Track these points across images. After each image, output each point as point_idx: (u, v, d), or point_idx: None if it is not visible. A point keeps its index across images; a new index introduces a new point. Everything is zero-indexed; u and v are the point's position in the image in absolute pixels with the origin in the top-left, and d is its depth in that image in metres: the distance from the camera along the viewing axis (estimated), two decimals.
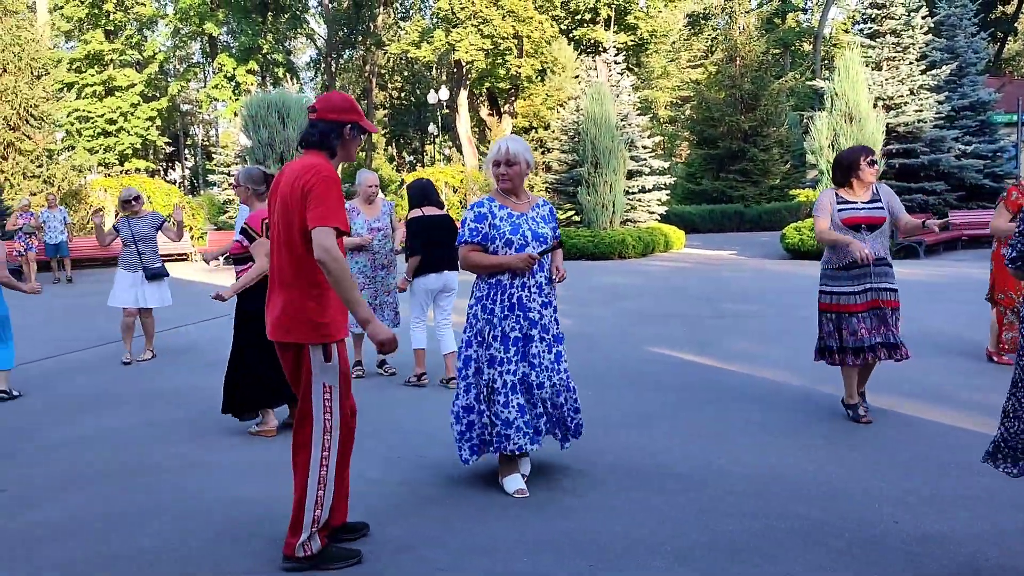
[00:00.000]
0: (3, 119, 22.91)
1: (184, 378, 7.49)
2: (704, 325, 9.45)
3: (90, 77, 37.91)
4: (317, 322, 3.30)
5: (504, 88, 39.74)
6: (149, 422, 5.95)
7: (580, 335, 9.02)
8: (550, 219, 4.33)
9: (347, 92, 51.39)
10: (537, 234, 4.19)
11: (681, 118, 40.08)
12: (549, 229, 4.26)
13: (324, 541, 3.46)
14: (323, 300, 3.32)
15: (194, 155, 54.26)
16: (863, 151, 5.36)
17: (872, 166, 5.32)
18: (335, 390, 3.37)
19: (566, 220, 22.62)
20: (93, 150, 37.13)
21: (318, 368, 3.33)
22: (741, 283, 13.66)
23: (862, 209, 5.31)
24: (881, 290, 5.30)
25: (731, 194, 31.15)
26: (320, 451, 3.37)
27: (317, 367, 3.33)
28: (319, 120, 3.38)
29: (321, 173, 3.24)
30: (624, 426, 5.41)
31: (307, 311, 3.30)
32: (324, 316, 3.32)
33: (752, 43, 31.65)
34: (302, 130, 3.43)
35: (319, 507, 3.39)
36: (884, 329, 5.31)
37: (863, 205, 5.33)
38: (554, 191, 24.14)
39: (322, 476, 3.38)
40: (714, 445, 4.96)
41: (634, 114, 23.68)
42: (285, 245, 3.33)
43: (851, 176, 5.35)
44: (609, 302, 11.79)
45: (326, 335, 3.32)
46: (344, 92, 3.62)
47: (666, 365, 7.34)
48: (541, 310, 4.23)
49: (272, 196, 3.47)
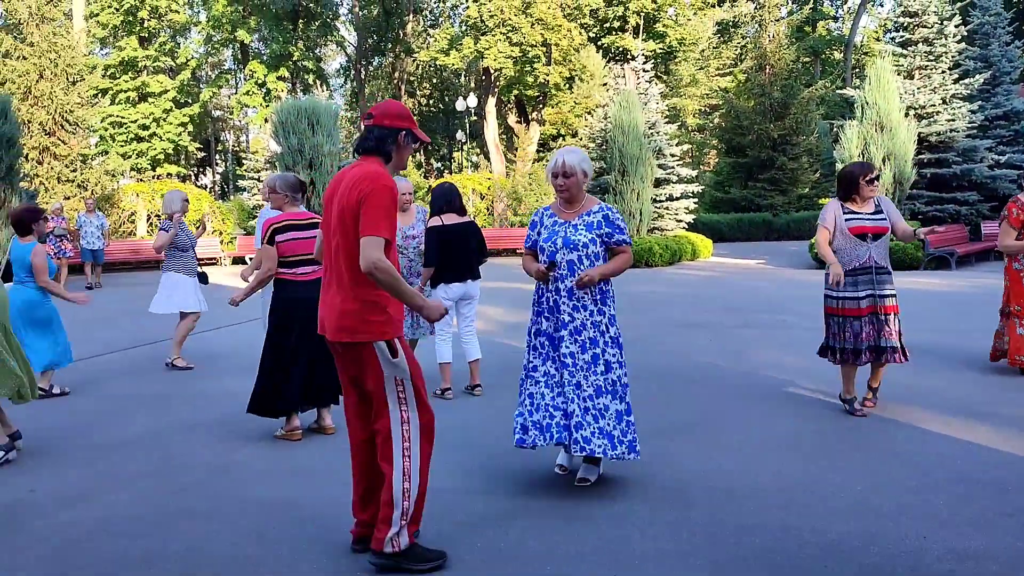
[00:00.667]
0: (39, 124, 23.31)
1: (224, 381, 7.55)
2: (733, 335, 9.38)
3: (124, 83, 38.44)
4: (380, 320, 3.36)
5: (532, 95, 39.77)
6: (187, 424, 6.01)
7: None
8: (598, 226, 4.34)
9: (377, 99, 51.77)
10: (569, 241, 4.29)
11: (709, 126, 39.90)
12: (589, 236, 4.30)
13: (412, 538, 3.45)
14: (383, 299, 3.38)
15: (224, 160, 54.82)
16: (862, 170, 5.71)
17: (871, 184, 5.70)
18: (407, 383, 3.42)
19: None
20: (126, 155, 37.61)
21: (386, 365, 3.37)
22: (770, 293, 13.55)
23: (867, 220, 5.70)
24: (881, 296, 5.67)
25: (759, 203, 30.96)
26: (401, 443, 3.39)
27: (385, 364, 3.37)
28: (375, 126, 3.44)
29: (379, 181, 3.29)
30: (653, 437, 5.38)
31: (370, 311, 3.35)
32: (385, 314, 3.38)
33: (782, 51, 31.48)
34: (357, 136, 3.49)
35: (406, 499, 3.39)
36: (884, 333, 5.66)
37: (868, 216, 5.72)
38: None
39: (406, 468, 3.39)
40: (744, 457, 4.91)
41: (662, 122, 23.61)
42: (343, 249, 3.37)
43: (852, 193, 5.75)
44: (636, 310, 11.75)
45: (389, 332, 3.38)
46: (398, 101, 3.71)
47: (695, 375, 7.29)
48: (572, 313, 4.29)
49: (329, 201, 3.49)
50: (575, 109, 34.49)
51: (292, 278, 5.45)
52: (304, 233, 5.47)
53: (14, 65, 23.47)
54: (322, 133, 20.45)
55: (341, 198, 3.37)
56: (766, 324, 10.09)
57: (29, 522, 4.15)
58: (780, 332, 9.47)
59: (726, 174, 33.71)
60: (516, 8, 34.31)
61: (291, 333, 5.42)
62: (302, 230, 5.47)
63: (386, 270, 3.20)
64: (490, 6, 34.58)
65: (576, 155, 4.33)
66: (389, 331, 3.38)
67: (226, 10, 40.52)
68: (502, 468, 4.72)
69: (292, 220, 5.49)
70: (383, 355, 3.36)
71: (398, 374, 3.39)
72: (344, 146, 34.35)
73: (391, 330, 3.39)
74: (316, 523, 4.01)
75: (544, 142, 39.10)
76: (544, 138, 39.17)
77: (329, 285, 3.48)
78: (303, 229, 5.48)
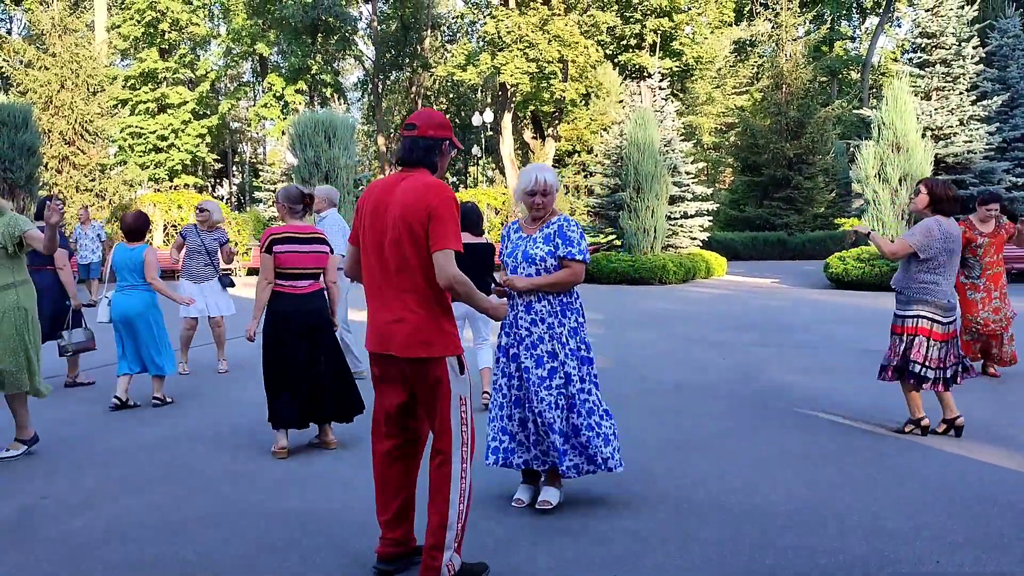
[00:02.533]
0: (59, 134, 23.58)
1: (237, 390, 7.57)
2: (747, 353, 9.34)
3: (144, 94, 38.82)
4: (448, 336, 3.35)
5: (548, 111, 39.93)
6: (199, 433, 6.03)
7: (618, 359, 8.97)
8: (556, 239, 4.23)
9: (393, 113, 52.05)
10: (527, 255, 4.24)
11: (725, 144, 39.89)
12: (546, 249, 4.21)
13: (461, 553, 3.42)
14: (448, 315, 3.39)
15: (242, 172, 55.18)
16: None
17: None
18: (468, 402, 3.39)
19: (608, 244, 22.58)
20: (144, 165, 37.93)
21: (455, 380, 3.34)
22: (784, 311, 13.50)
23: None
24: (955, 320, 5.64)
25: (774, 222, 30.91)
26: (460, 464, 3.35)
27: (454, 379, 3.34)
28: (420, 137, 3.41)
29: (444, 194, 3.28)
30: (664, 454, 5.35)
31: (444, 325, 3.35)
32: (451, 329, 3.37)
33: (799, 70, 31.48)
34: (400, 147, 3.46)
35: (461, 520, 3.35)
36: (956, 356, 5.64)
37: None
38: (596, 215, 24.13)
39: (463, 490, 3.35)
40: (757, 475, 4.88)
41: (678, 140, 23.63)
42: (413, 264, 3.29)
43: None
44: (649, 327, 11.72)
45: (457, 347, 3.37)
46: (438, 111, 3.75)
47: (707, 393, 7.26)
48: (530, 327, 4.23)
49: (372, 213, 3.42)
50: (591, 125, 34.56)
51: (287, 290, 5.42)
52: (304, 247, 5.45)
53: (36, 75, 23.78)
54: (339, 146, 20.60)
55: (403, 212, 3.28)
56: (779, 343, 10.05)
57: (42, 528, 4.16)
58: (793, 351, 9.42)
59: (741, 192, 33.68)
60: (533, 25, 34.51)
61: (284, 346, 5.38)
62: (303, 243, 5.46)
63: (464, 282, 3.22)
64: (508, 22, 34.80)
65: (551, 172, 4.31)
66: (458, 346, 3.38)
67: (246, 23, 40.93)
68: (510, 484, 4.71)
69: (292, 233, 5.48)
70: (453, 370, 3.33)
71: (463, 391, 3.36)
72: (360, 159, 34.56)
73: (459, 346, 3.39)
74: (326, 533, 4.01)
75: (560, 158, 39.18)
76: (560, 154, 39.25)
77: (384, 302, 3.37)
78: (304, 243, 5.47)
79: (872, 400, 6.78)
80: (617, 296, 16.78)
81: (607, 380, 7.68)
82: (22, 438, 5.50)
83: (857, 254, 18.07)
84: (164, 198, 26.19)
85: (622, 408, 6.56)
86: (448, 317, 3.36)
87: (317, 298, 5.52)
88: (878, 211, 17.81)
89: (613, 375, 8.02)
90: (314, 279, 5.52)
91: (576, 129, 36.15)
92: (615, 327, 11.73)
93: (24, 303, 5.30)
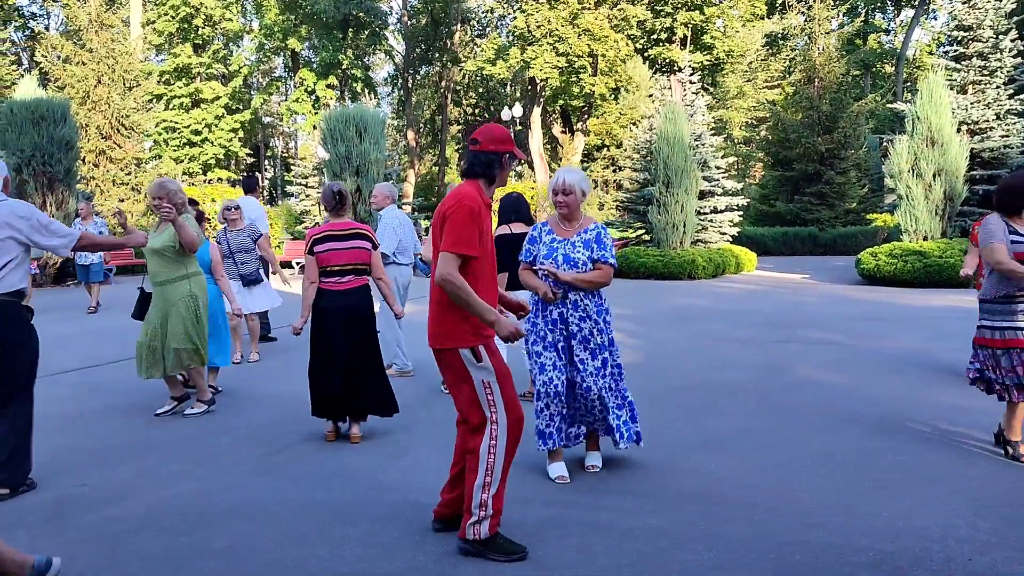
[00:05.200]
0: (96, 128, 23.91)
1: (272, 384, 7.66)
2: (776, 350, 9.27)
3: (178, 89, 39.30)
4: (464, 328, 3.64)
5: (577, 106, 39.81)
6: (233, 425, 6.11)
7: (647, 355, 8.94)
8: (593, 244, 4.64)
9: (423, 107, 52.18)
10: (569, 258, 4.59)
11: (756, 139, 39.54)
12: (586, 253, 4.60)
13: (494, 530, 3.69)
14: (465, 310, 3.63)
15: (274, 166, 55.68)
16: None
17: None
18: (494, 384, 3.67)
19: (636, 239, 22.49)
20: (178, 159, 38.42)
21: (473, 368, 3.66)
22: (814, 308, 13.37)
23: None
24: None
25: (805, 217, 30.58)
26: (489, 440, 3.65)
27: (472, 367, 3.66)
28: (481, 152, 3.75)
29: (463, 202, 3.60)
30: (691, 451, 5.34)
31: (456, 320, 3.64)
32: (467, 323, 3.64)
33: (832, 64, 31.09)
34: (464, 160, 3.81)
35: (485, 491, 3.65)
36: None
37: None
38: (625, 209, 24.04)
39: (489, 464, 3.64)
40: (784, 474, 4.85)
41: (708, 134, 23.46)
42: (434, 263, 3.69)
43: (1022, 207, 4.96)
44: (677, 323, 11.67)
45: (472, 340, 3.64)
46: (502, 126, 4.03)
47: (736, 390, 7.21)
48: (580, 323, 4.61)
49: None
50: (620, 120, 34.42)
51: (330, 287, 5.58)
52: (343, 244, 5.58)
53: (73, 70, 24.14)
54: (369, 140, 20.69)
55: (435, 217, 3.73)
56: (809, 340, 9.95)
57: (79, 516, 4.25)
58: (823, 348, 9.33)
59: (772, 187, 33.35)
60: (563, 19, 34.40)
61: (325, 342, 5.56)
62: (341, 240, 5.59)
63: (454, 283, 3.51)
64: (537, 16, 34.71)
65: (576, 175, 4.63)
66: (473, 339, 3.64)
67: (278, 19, 41.23)
68: (538, 478, 4.73)
69: (332, 231, 5.63)
70: (468, 360, 3.65)
71: (484, 376, 3.66)
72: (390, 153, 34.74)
73: (475, 339, 3.64)
74: (357, 524, 4.06)
75: (588, 152, 39.07)
76: (588, 148, 39.14)
77: (431, 296, 3.77)
78: (342, 240, 5.60)
79: (900, 399, 6.70)
80: (646, 291, 16.72)
81: (635, 376, 7.66)
82: (203, 399, 6.50)
83: (889, 250, 17.83)
84: (198, 192, 26.49)
85: (650, 405, 6.55)
86: (463, 313, 3.61)
87: (357, 294, 5.61)
88: (911, 207, 17.56)
89: (641, 371, 8.00)
90: (357, 275, 5.63)
91: (605, 124, 36.01)
92: (644, 322, 11.69)
93: (195, 291, 6.21)
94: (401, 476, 4.83)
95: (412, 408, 6.60)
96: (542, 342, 4.65)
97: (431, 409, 6.59)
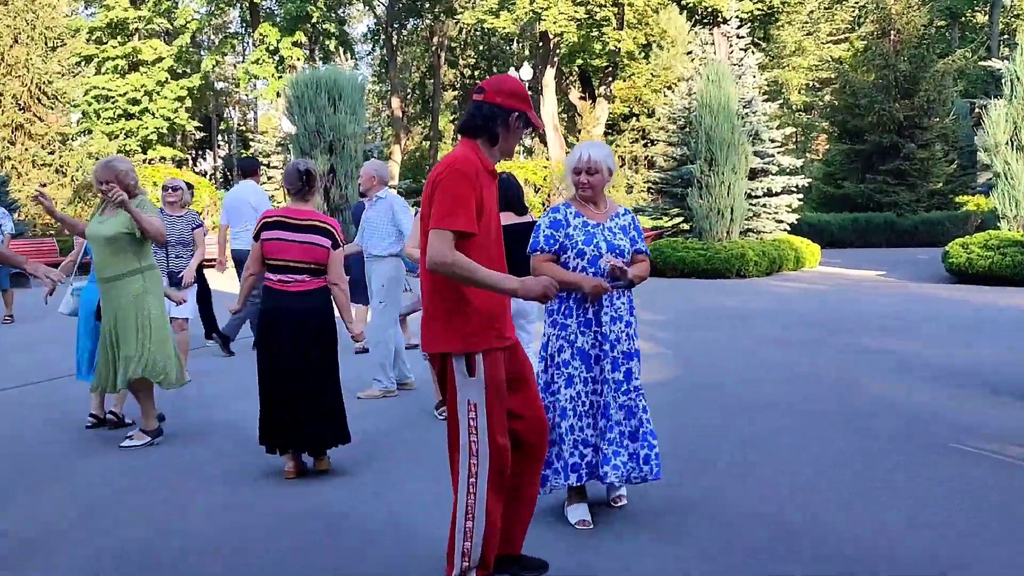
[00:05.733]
0: (12, 97, 23.96)
1: (237, 404, 7.68)
2: (840, 362, 9.27)
3: (112, 49, 39.42)
4: (458, 330, 3.52)
5: (600, 66, 39.86)
6: (191, 457, 6.13)
7: (685, 369, 8.95)
8: (630, 230, 4.73)
9: (411, 69, 52.24)
10: (613, 245, 4.60)
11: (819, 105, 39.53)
12: (628, 241, 4.67)
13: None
14: (463, 305, 3.52)
15: (228, 142, 55.85)
16: None
17: None
18: (480, 408, 3.53)
19: (672, 229, 22.50)
20: (113, 135, 38.52)
21: (461, 382, 3.53)
22: (890, 312, 13.34)
23: None
24: None
25: (880, 200, 30.57)
26: (467, 476, 3.56)
27: (460, 381, 3.54)
28: (484, 102, 3.59)
29: (454, 166, 3.46)
30: (725, 466, 5.38)
31: (447, 318, 3.54)
32: (467, 324, 3.51)
33: (911, 13, 31.08)
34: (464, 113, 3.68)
35: (467, 539, 3.57)
36: None
37: None
38: (658, 192, 24.07)
39: (469, 505, 3.56)
40: (824, 496, 4.94)
41: (760, 100, 23.48)
42: (423, 249, 3.55)
43: None
44: (722, 329, 11.66)
45: (467, 345, 3.51)
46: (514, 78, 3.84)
47: (784, 404, 7.22)
48: (611, 325, 4.59)
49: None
50: (652, 83, 34.48)
51: (275, 286, 5.54)
52: (294, 235, 5.51)
53: None
54: (345, 110, 20.71)
55: (425, 189, 3.58)
56: (881, 351, 9.94)
57: None
58: (899, 359, 9.32)
59: (839, 164, 33.36)
60: None
61: (272, 352, 5.52)
62: (293, 231, 5.52)
63: (449, 264, 3.36)
64: None
65: (602, 150, 4.65)
66: (469, 343, 3.51)
67: None
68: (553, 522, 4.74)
69: (285, 217, 5.57)
70: (458, 370, 3.52)
71: (471, 396, 3.53)
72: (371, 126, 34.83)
73: (472, 343, 3.51)
74: (358, 535, 4.11)
75: (613, 123, 39.16)
76: (613, 118, 39.22)
77: (422, 289, 3.69)
78: (295, 230, 5.52)
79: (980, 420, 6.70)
80: (685, 291, 16.72)
81: (671, 392, 7.67)
82: (147, 429, 6.39)
83: (984, 240, 17.80)
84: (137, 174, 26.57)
85: (677, 419, 6.56)
86: (462, 308, 3.50)
87: (311, 298, 5.54)
88: (1010, 187, 17.54)
89: (678, 386, 8.01)
90: (313, 275, 5.55)
91: (634, 88, 36.08)
92: (682, 328, 11.69)
93: (148, 288, 6.20)
94: (387, 515, 4.83)
95: (398, 431, 6.63)
96: (570, 348, 4.58)
97: (421, 431, 6.62)
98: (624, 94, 37.26)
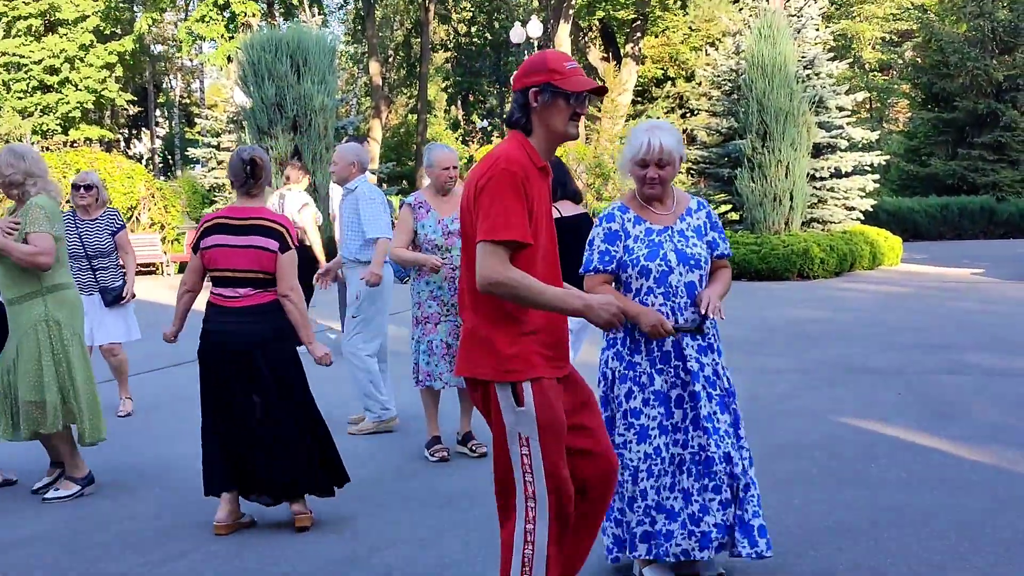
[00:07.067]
0: None
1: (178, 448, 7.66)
2: (937, 385, 9.23)
3: (23, 7, 39.45)
4: (503, 354, 3.61)
5: (626, 19, 39.84)
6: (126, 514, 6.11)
7: (742, 397, 8.90)
8: (707, 230, 4.59)
9: (392, 26, 52.29)
10: (685, 256, 4.43)
11: (898, 64, 39.49)
12: (704, 246, 4.52)
13: None
14: (510, 326, 3.63)
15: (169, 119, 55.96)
16: None
17: None
18: (534, 443, 3.62)
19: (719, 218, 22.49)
20: (26, 111, 38.55)
21: (510, 414, 3.63)
22: (992, 320, 13.31)
23: None
24: None
25: (976, 181, 30.54)
26: (523, 523, 3.68)
27: (508, 412, 3.63)
28: (514, 90, 3.78)
29: (498, 165, 3.57)
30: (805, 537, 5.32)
31: (491, 340, 3.64)
32: (512, 346, 3.61)
33: None
34: None
35: None
36: None
37: None
38: (699, 174, 24.07)
39: (526, 556, 3.67)
40: None
41: (825, 58, 23.44)
42: (464, 262, 3.74)
43: None
44: (786, 348, 11.63)
45: (513, 371, 3.60)
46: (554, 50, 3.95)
47: (874, 447, 7.18)
48: (700, 357, 4.44)
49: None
50: (690, 39, 34.47)
51: (217, 301, 5.50)
52: (237, 239, 5.44)
53: None
54: (312, 78, 20.73)
55: (464, 195, 3.72)
56: (990, 369, 9.90)
57: None
58: (1011, 381, 9.28)
59: (923, 137, 33.35)
60: None
61: (215, 381, 5.51)
62: (236, 234, 5.45)
63: (506, 282, 3.47)
64: None
65: (672, 135, 4.45)
66: (516, 369, 3.59)
67: None
68: None
69: (227, 219, 5.53)
70: (504, 401, 3.62)
71: (523, 429, 3.62)
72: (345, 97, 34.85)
73: (519, 368, 3.60)
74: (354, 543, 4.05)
75: (643, 88, 39.15)
76: (643, 82, 39.21)
77: (460, 307, 3.87)
78: (238, 233, 5.45)
79: None
80: (735, 298, 16.65)
81: None
82: (74, 476, 6.36)
83: None
84: (56, 159, 26.53)
85: None
86: (507, 328, 3.61)
87: (258, 316, 5.45)
88: None
89: None
90: (256, 287, 5.46)
91: (668, 45, 36.10)
92: (733, 345, 11.60)
93: (54, 313, 6.10)
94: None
95: (388, 475, 6.66)
96: (642, 392, 4.42)
97: (417, 475, 6.64)
98: (656, 53, 37.25)
